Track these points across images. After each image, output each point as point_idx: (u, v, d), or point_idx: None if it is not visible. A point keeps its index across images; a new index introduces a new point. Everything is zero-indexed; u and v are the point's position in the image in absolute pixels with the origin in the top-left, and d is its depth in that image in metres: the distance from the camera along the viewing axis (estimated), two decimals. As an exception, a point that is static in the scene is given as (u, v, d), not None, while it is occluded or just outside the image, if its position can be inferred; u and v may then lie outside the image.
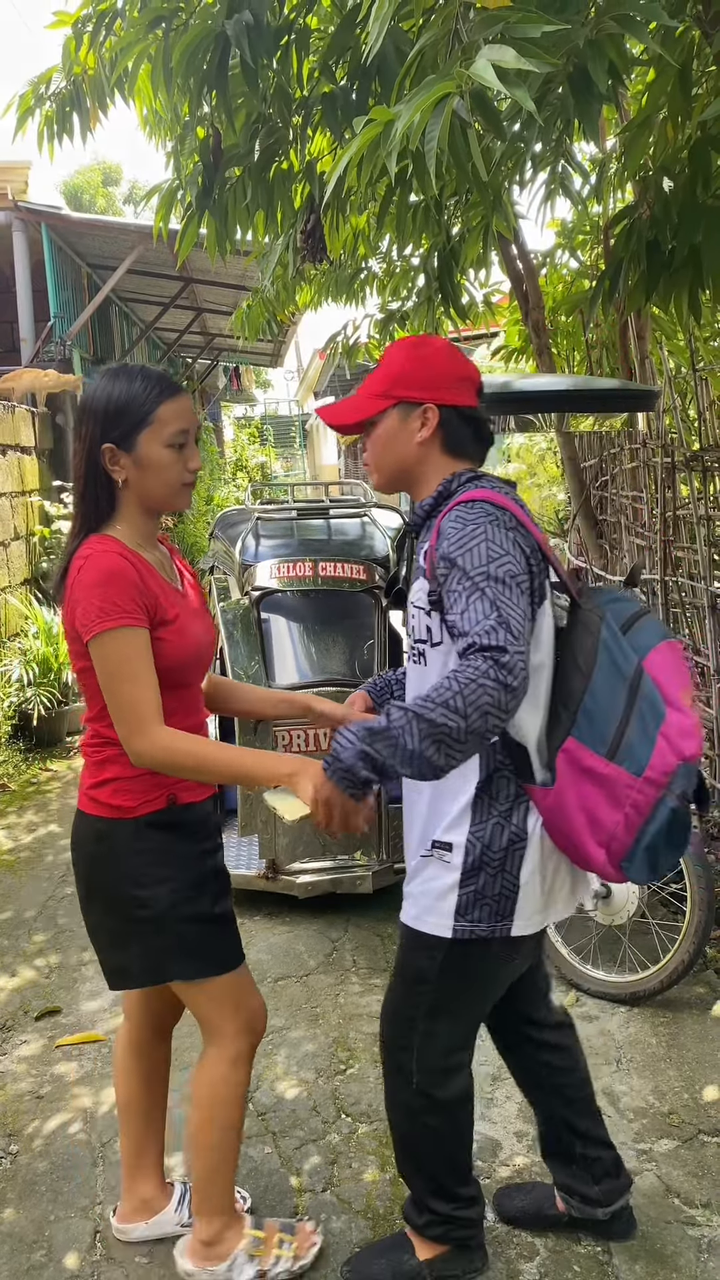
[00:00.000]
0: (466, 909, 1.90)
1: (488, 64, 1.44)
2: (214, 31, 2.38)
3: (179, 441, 1.94)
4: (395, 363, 1.94)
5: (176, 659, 1.96)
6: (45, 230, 8.27)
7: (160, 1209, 2.34)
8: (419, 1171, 2.14)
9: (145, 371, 1.95)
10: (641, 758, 1.80)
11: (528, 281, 5.02)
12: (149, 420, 1.90)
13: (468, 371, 1.95)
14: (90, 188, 28.24)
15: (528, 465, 10.33)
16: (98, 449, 1.92)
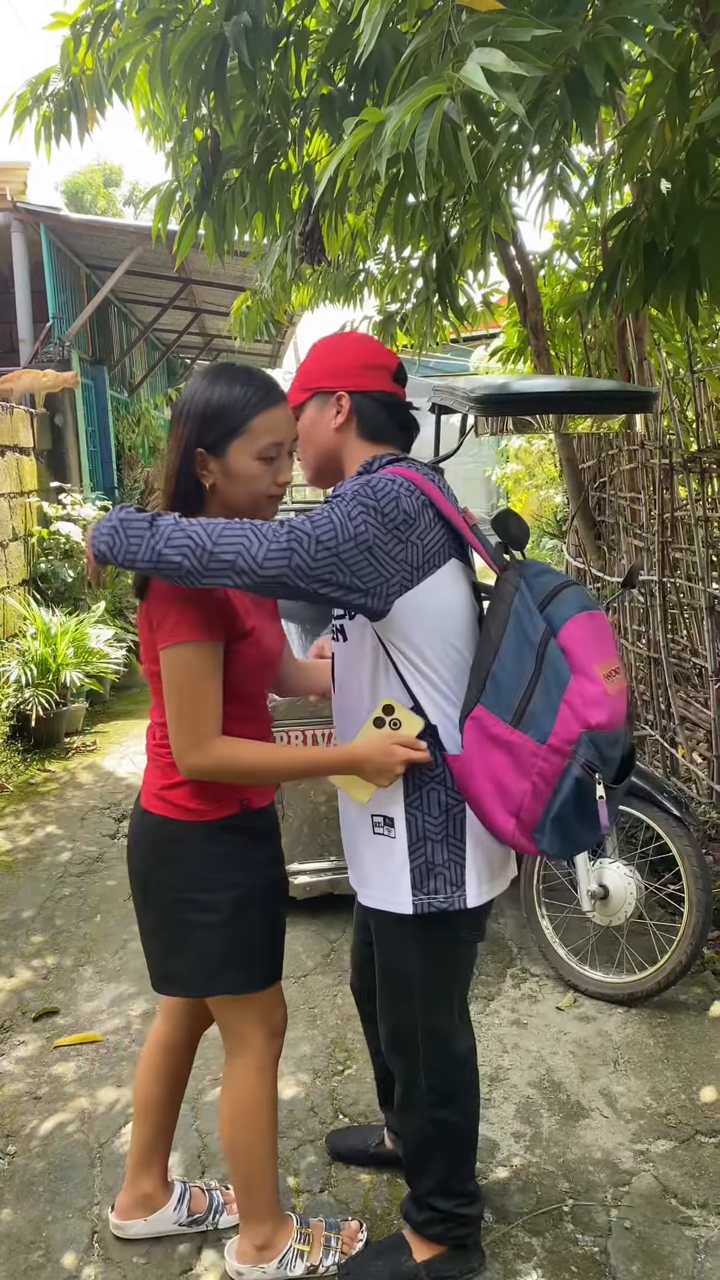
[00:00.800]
0: (420, 881, 1.94)
1: (477, 67, 1.44)
2: (212, 33, 2.38)
3: (270, 455, 1.88)
4: (310, 359, 2.02)
5: (250, 670, 1.95)
6: (44, 231, 8.27)
7: (160, 1206, 2.35)
8: (427, 1170, 2.15)
9: (249, 376, 1.89)
10: (545, 725, 1.81)
11: (526, 283, 5.03)
12: (242, 430, 1.85)
13: (381, 359, 1.98)
14: (91, 188, 28.23)
15: (526, 466, 10.34)
16: (190, 451, 1.87)
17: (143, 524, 1.70)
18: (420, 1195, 2.17)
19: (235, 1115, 2.12)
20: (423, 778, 1.92)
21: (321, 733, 3.71)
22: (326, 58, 2.74)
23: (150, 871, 2.03)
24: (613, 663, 1.87)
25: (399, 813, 1.94)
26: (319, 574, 1.71)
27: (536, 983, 3.40)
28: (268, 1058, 2.13)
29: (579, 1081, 2.89)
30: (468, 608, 1.95)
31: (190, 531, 1.68)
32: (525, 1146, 2.64)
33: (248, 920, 2.01)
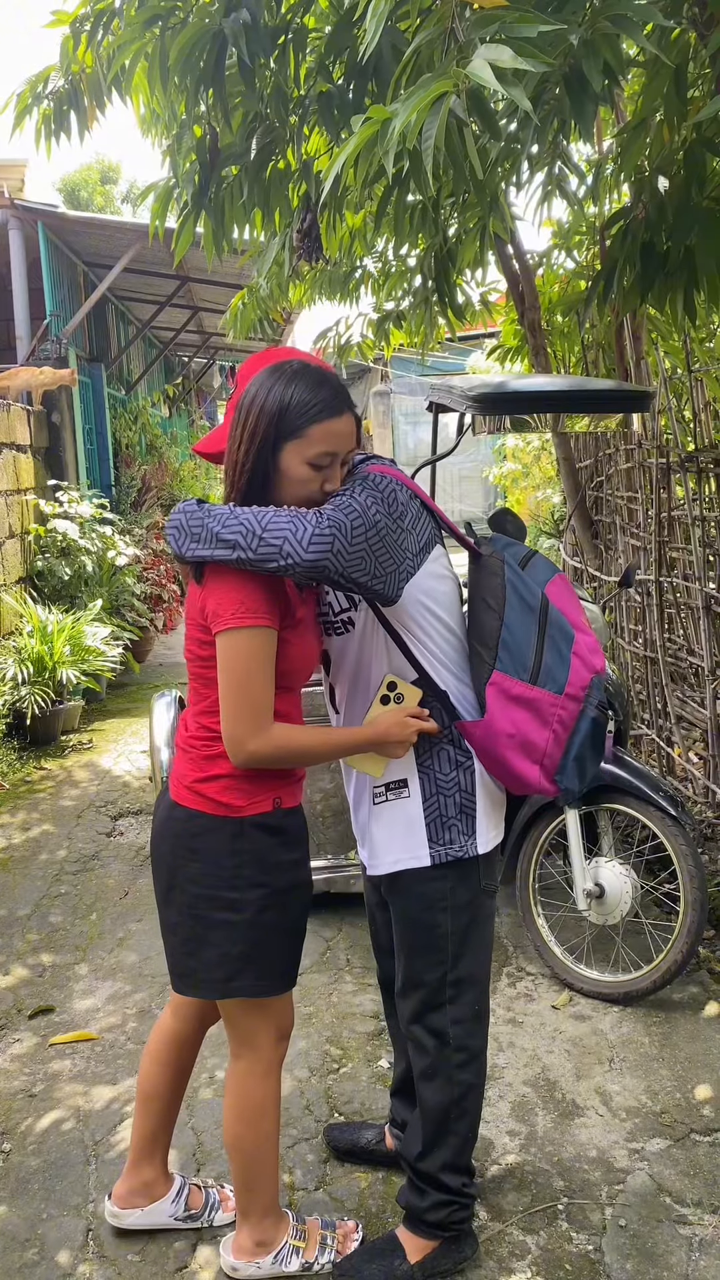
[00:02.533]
0: (436, 834, 2.05)
1: (485, 63, 1.44)
2: (211, 30, 2.38)
3: (322, 463, 1.88)
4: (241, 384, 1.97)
5: (295, 662, 1.97)
6: (41, 228, 8.25)
7: (159, 1196, 2.35)
8: (445, 1141, 2.17)
9: (321, 379, 1.89)
10: (560, 678, 2.06)
11: (524, 282, 5.03)
12: (299, 434, 1.85)
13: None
14: (88, 185, 28.19)
15: (523, 465, 10.34)
16: (256, 444, 1.87)
17: (201, 514, 1.82)
18: (432, 1172, 2.17)
19: (241, 1116, 2.12)
20: (432, 740, 2.04)
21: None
22: (325, 56, 2.74)
23: (177, 865, 2.03)
24: (583, 614, 2.15)
25: (411, 773, 2.06)
26: (353, 561, 1.79)
27: (532, 981, 3.41)
28: (275, 1061, 2.14)
29: (574, 1080, 2.89)
30: (454, 586, 2.11)
31: (242, 518, 1.79)
32: (520, 1145, 2.64)
33: (271, 922, 2.01)
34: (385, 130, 1.66)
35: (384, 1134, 2.55)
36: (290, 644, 1.94)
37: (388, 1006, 2.47)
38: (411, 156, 1.82)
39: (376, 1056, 3.02)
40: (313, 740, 1.95)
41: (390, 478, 1.91)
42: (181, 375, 16.58)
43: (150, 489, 10.68)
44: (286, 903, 2.04)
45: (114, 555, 7.75)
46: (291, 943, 2.09)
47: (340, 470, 1.94)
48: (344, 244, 4.09)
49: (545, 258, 5.56)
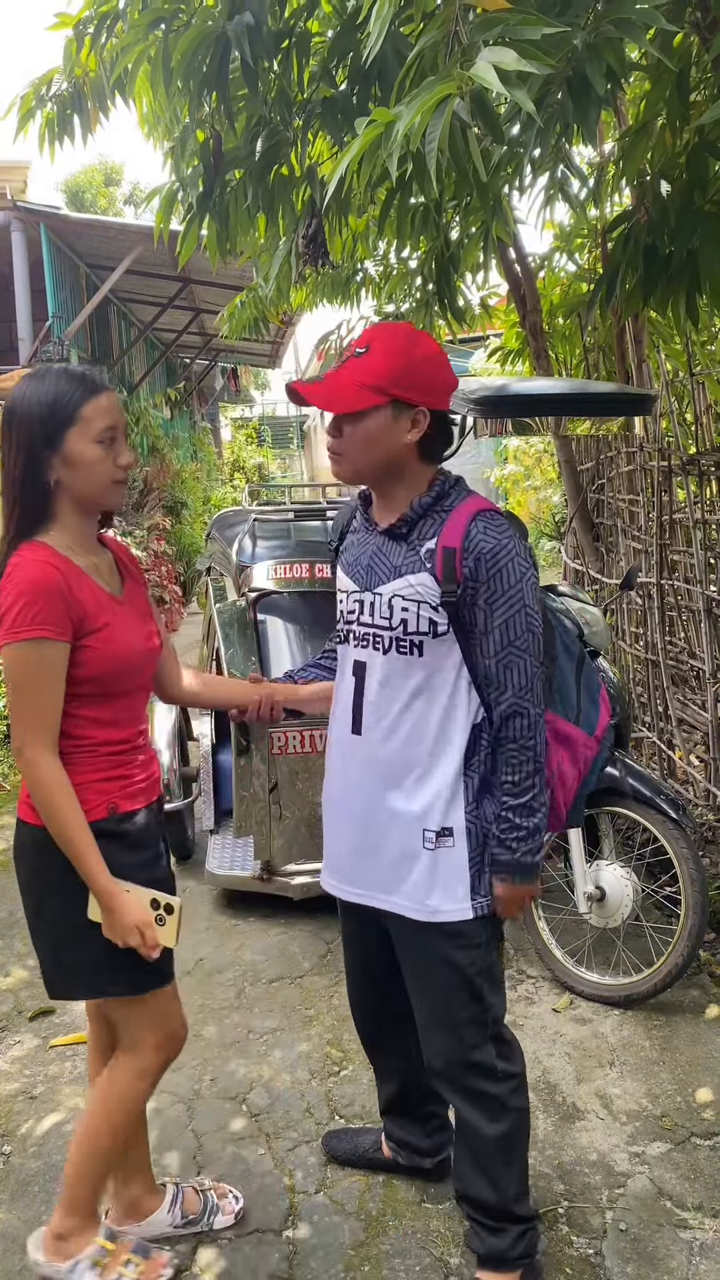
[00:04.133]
0: (478, 885, 2.00)
1: (489, 65, 1.44)
2: (214, 33, 2.38)
3: (108, 437, 1.93)
4: (396, 358, 1.88)
5: (104, 667, 1.95)
6: (44, 230, 8.27)
7: (152, 1210, 2.33)
8: (514, 1173, 2.14)
9: (68, 371, 1.95)
10: (593, 720, 2.32)
11: (525, 285, 5.04)
12: (75, 418, 1.90)
13: (453, 379, 1.99)
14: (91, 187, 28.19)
15: (524, 468, 10.35)
16: (29, 451, 1.90)
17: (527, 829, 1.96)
18: (508, 1208, 2.12)
19: (104, 1107, 2.12)
20: (480, 786, 2.00)
21: (319, 733, 3.70)
22: (329, 60, 2.74)
23: (32, 879, 2.04)
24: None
25: (459, 821, 1.99)
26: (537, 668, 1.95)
27: (533, 984, 3.41)
28: (153, 1064, 2.12)
29: (575, 1083, 2.89)
30: None
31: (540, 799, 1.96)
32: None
33: None
34: (389, 133, 1.66)
35: (380, 1142, 2.54)
36: (92, 650, 1.92)
37: (369, 1030, 2.42)
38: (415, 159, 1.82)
39: (377, 1059, 3.01)
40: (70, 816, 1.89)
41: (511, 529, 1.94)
42: (183, 378, 16.58)
43: (152, 491, 10.69)
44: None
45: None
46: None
47: (126, 444, 1.99)
48: (347, 247, 4.10)
49: (546, 260, 5.57)
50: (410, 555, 1.96)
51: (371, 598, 2.01)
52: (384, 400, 1.88)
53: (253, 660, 3.88)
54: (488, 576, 1.87)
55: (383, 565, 2.00)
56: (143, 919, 1.96)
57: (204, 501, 14.24)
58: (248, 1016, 3.26)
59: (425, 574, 1.92)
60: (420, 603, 1.93)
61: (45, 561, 1.89)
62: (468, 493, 1.99)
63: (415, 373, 1.89)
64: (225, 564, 4.52)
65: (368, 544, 2.06)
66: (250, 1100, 2.84)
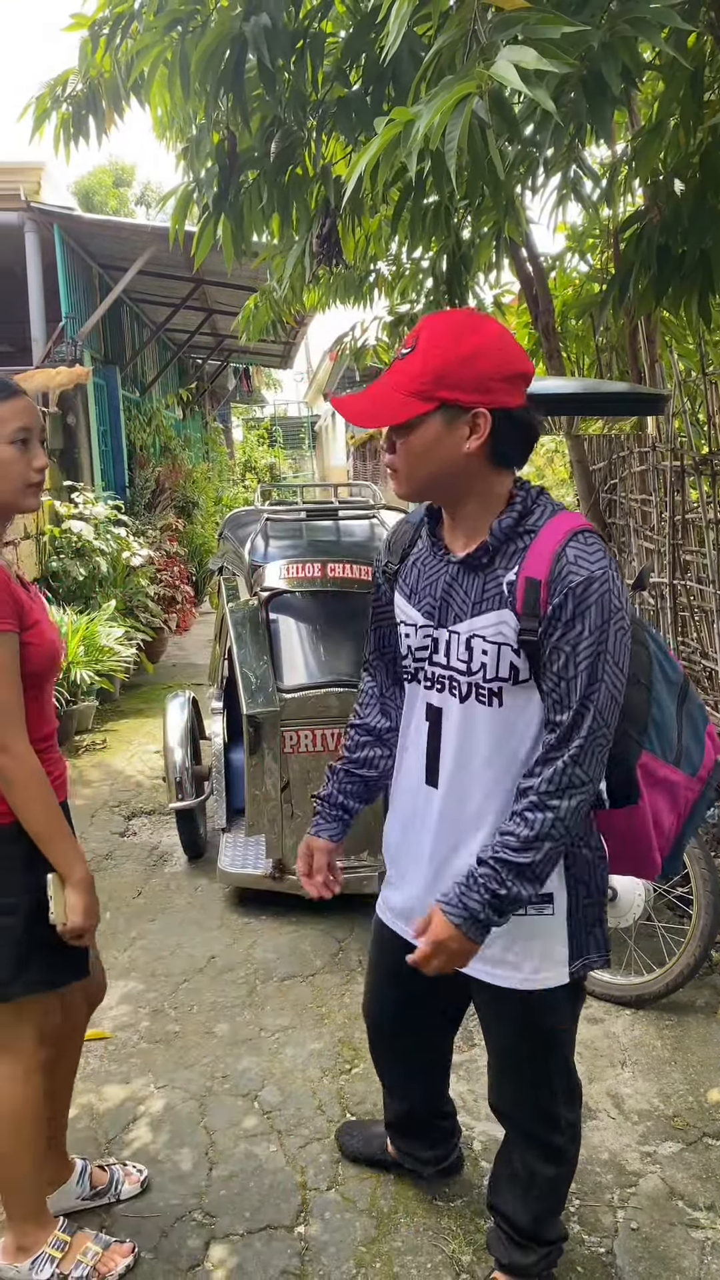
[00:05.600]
0: (577, 949, 1.85)
1: (509, 64, 1.45)
2: (231, 34, 2.39)
3: (20, 438, 1.94)
4: (438, 354, 1.60)
5: (41, 663, 2.00)
6: (57, 231, 8.29)
7: (63, 1181, 2.39)
8: (557, 1206, 2.12)
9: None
10: (697, 760, 1.90)
11: (538, 285, 5.03)
12: None
13: (522, 366, 1.65)
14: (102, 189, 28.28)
15: (535, 467, 10.34)
16: None
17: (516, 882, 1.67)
18: (543, 1234, 2.11)
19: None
20: (577, 845, 1.81)
21: (331, 732, 3.71)
22: (343, 60, 2.75)
23: None
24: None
25: (558, 886, 1.81)
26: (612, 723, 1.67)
27: (544, 984, 3.40)
28: (33, 1065, 2.11)
29: (586, 1082, 2.89)
30: None
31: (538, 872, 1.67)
32: (532, 1147, 2.64)
33: (46, 921, 2.00)
34: (408, 132, 1.67)
35: (386, 1143, 2.53)
36: (33, 646, 1.97)
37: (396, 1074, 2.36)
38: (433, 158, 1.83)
39: (388, 1057, 3.02)
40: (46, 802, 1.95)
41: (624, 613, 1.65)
42: (195, 378, 16.62)
43: (164, 491, 10.71)
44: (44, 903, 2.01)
45: (128, 556, 7.78)
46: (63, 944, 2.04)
47: (41, 448, 2.00)
48: (360, 248, 4.10)
49: (558, 261, 5.57)
50: (491, 588, 1.70)
51: (447, 635, 1.77)
52: (431, 406, 1.61)
53: (264, 660, 3.89)
54: (573, 615, 1.60)
55: (459, 598, 1.75)
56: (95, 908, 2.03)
57: (215, 502, 14.27)
58: (259, 1014, 3.26)
59: (507, 610, 1.68)
60: (501, 645, 1.69)
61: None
62: (554, 508, 1.71)
63: (465, 369, 1.59)
64: (238, 563, 4.54)
65: (438, 572, 1.79)
66: (262, 1097, 2.85)
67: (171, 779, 4.36)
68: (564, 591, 1.60)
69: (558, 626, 1.62)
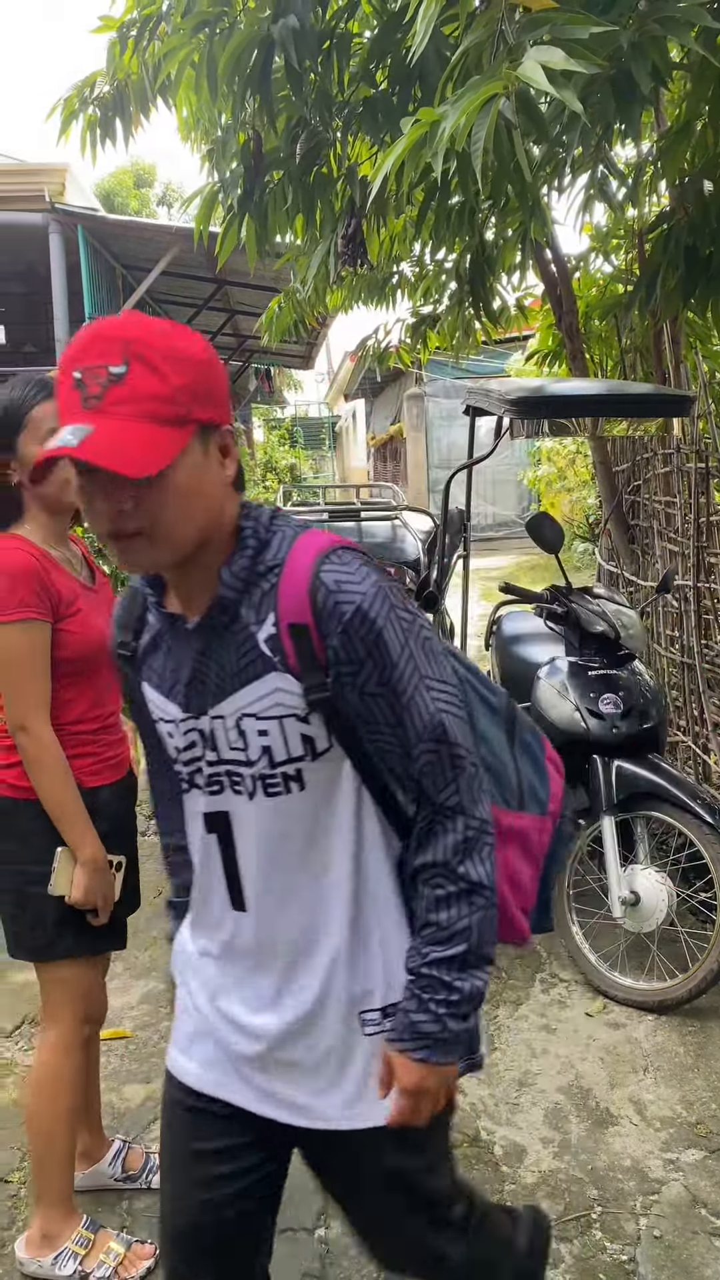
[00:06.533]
0: None
1: (536, 65, 1.44)
2: (259, 35, 2.40)
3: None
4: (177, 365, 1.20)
5: (80, 649, 2.09)
6: (81, 232, 8.33)
7: (98, 1158, 2.47)
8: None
9: (27, 379, 2.10)
10: (542, 793, 1.55)
11: (562, 286, 5.01)
12: (25, 423, 2.04)
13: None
14: (123, 190, 28.36)
15: (558, 469, 10.30)
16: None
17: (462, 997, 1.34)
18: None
19: (39, 1088, 2.21)
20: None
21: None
22: (369, 60, 2.75)
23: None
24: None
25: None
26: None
27: (565, 988, 3.39)
28: (75, 1039, 2.20)
29: (608, 1088, 2.87)
30: None
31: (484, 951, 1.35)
32: (553, 1153, 2.62)
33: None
34: (434, 132, 1.66)
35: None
36: (70, 633, 2.07)
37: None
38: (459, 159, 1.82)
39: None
40: (60, 780, 2.06)
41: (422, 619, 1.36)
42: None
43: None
44: None
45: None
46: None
47: None
48: (385, 248, 4.10)
49: (582, 261, 5.55)
50: (248, 651, 1.32)
51: (209, 724, 1.36)
52: (190, 431, 1.22)
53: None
54: (366, 651, 1.27)
55: (214, 674, 1.34)
56: (112, 880, 2.14)
57: (236, 502, 14.26)
58: (280, 1015, 3.26)
59: (277, 673, 1.31)
60: (283, 718, 1.32)
61: (19, 549, 2.05)
62: (294, 530, 1.35)
63: (210, 377, 1.25)
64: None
65: (178, 648, 1.38)
66: (282, 1099, 2.84)
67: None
68: (340, 629, 1.26)
69: (353, 670, 1.28)
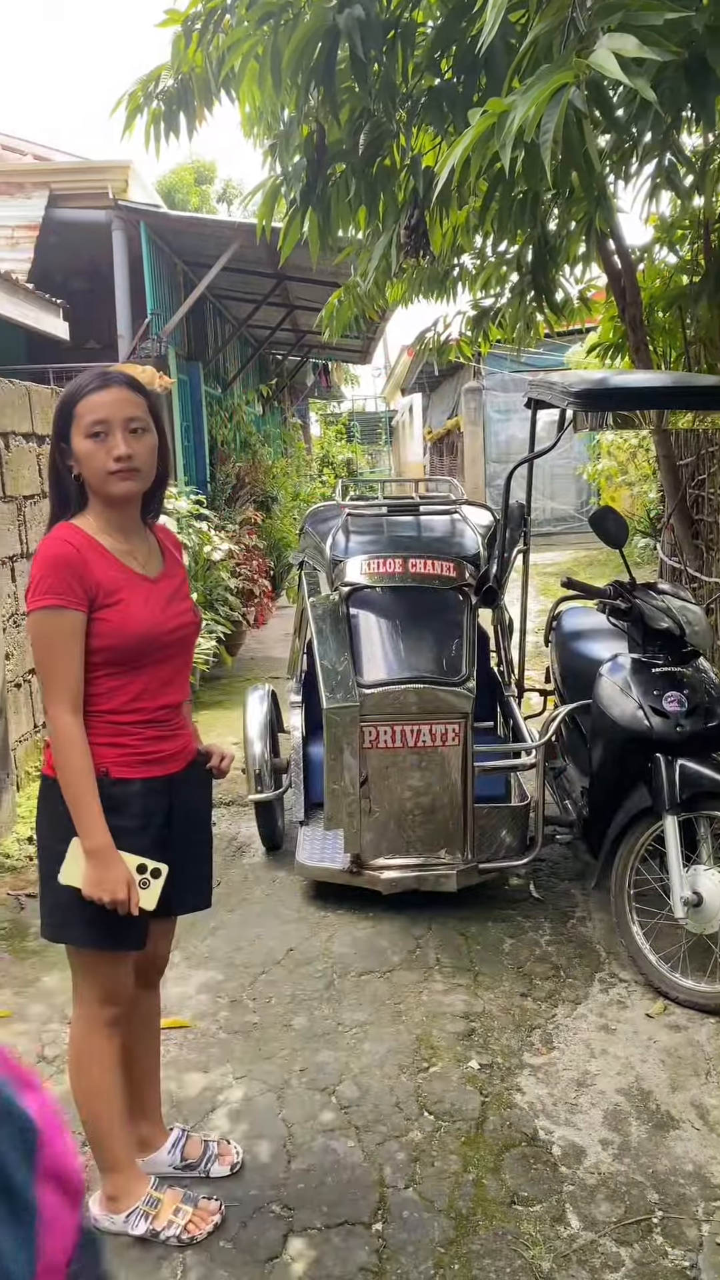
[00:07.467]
0: None
1: (609, 53, 1.41)
2: (324, 26, 2.39)
3: (96, 431, 2.06)
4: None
5: (116, 639, 2.10)
6: (144, 228, 8.40)
7: (157, 1146, 2.51)
8: None
9: (92, 371, 2.14)
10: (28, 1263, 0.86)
11: (625, 277, 4.94)
12: (74, 416, 2.08)
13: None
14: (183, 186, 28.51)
15: (619, 463, 10.16)
16: (54, 445, 2.14)
17: None
18: None
19: (72, 1064, 2.29)
20: None
21: (410, 728, 3.70)
22: (433, 50, 2.72)
23: (36, 823, 2.28)
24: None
25: None
26: None
27: (625, 988, 3.35)
28: (98, 1020, 2.24)
29: (669, 1091, 2.83)
30: None
31: None
32: (613, 1155, 2.59)
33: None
34: (502, 123, 1.64)
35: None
36: (105, 622, 2.08)
37: None
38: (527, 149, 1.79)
39: (467, 1057, 3.00)
40: (77, 770, 2.07)
41: None
42: (275, 374, 16.72)
43: (244, 485, 10.79)
44: None
45: (209, 550, 7.85)
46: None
47: (122, 437, 2.06)
48: (447, 240, 4.07)
49: (646, 252, 5.45)
50: None
51: None
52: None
53: (344, 656, 3.88)
54: None
55: None
56: (126, 878, 2.09)
57: (293, 497, 14.34)
58: (337, 1009, 3.27)
59: None
60: None
61: (62, 539, 2.09)
62: None
63: None
64: (319, 558, 4.54)
65: None
66: (340, 1092, 2.85)
67: (251, 771, 4.39)
68: None
69: None
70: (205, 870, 2.45)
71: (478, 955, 3.57)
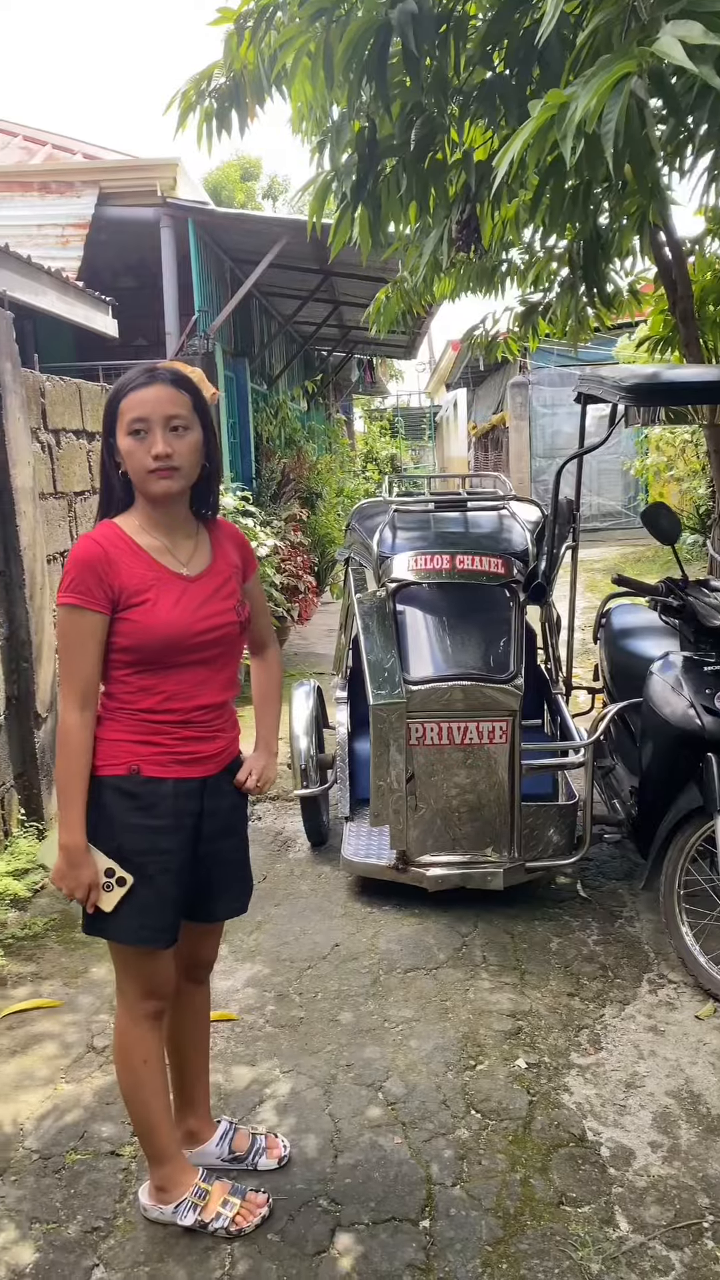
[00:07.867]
0: None
1: (674, 40, 1.39)
2: (377, 22, 2.38)
3: (136, 429, 2.06)
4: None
5: (140, 639, 2.10)
6: (191, 225, 8.44)
7: (205, 1139, 2.53)
8: None
9: (139, 367, 2.13)
10: None
11: (676, 270, 4.87)
12: (118, 413, 2.09)
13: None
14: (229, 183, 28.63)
15: (667, 458, 10.05)
16: (104, 442, 2.16)
17: None
18: None
19: (116, 1056, 2.32)
20: None
21: (457, 725, 3.69)
22: (486, 43, 2.70)
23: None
24: None
25: None
26: None
27: (674, 990, 3.31)
28: (138, 1013, 2.26)
29: (719, 1094, 2.80)
30: None
31: None
32: (663, 1157, 2.57)
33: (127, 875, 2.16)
34: (562, 115, 1.62)
35: None
36: (128, 622, 2.09)
37: None
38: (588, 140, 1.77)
39: (514, 1056, 2.98)
40: (71, 769, 2.10)
41: None
42: (320, 370, 16.73)
43: (289, 482, 10.82)
44: (136, 866, 2.15)
45: (255, 546, 7.89)
46: (145, 904, 2.16)
47: (161, 435, 2.06)
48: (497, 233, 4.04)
49: (697, 244, 5.38)
50: None
51: None
52: None
53: (391, 652, 3.88)
54: None
55: None
56: (90, 879, 2.12)
57: (337, 493, 14.35)
58: (383, 1005, 3.27)
59: None
60: None
61: (93, 539, 2.11)
62: None
63: None
64: (365, 554, 4.54)
65: None
66: (386, 1089, 2.85)
67: (297, 766, 4.40)
68: None
69: None
70: (241, 874, 2.41)
71: (524, 954, 3.56)
